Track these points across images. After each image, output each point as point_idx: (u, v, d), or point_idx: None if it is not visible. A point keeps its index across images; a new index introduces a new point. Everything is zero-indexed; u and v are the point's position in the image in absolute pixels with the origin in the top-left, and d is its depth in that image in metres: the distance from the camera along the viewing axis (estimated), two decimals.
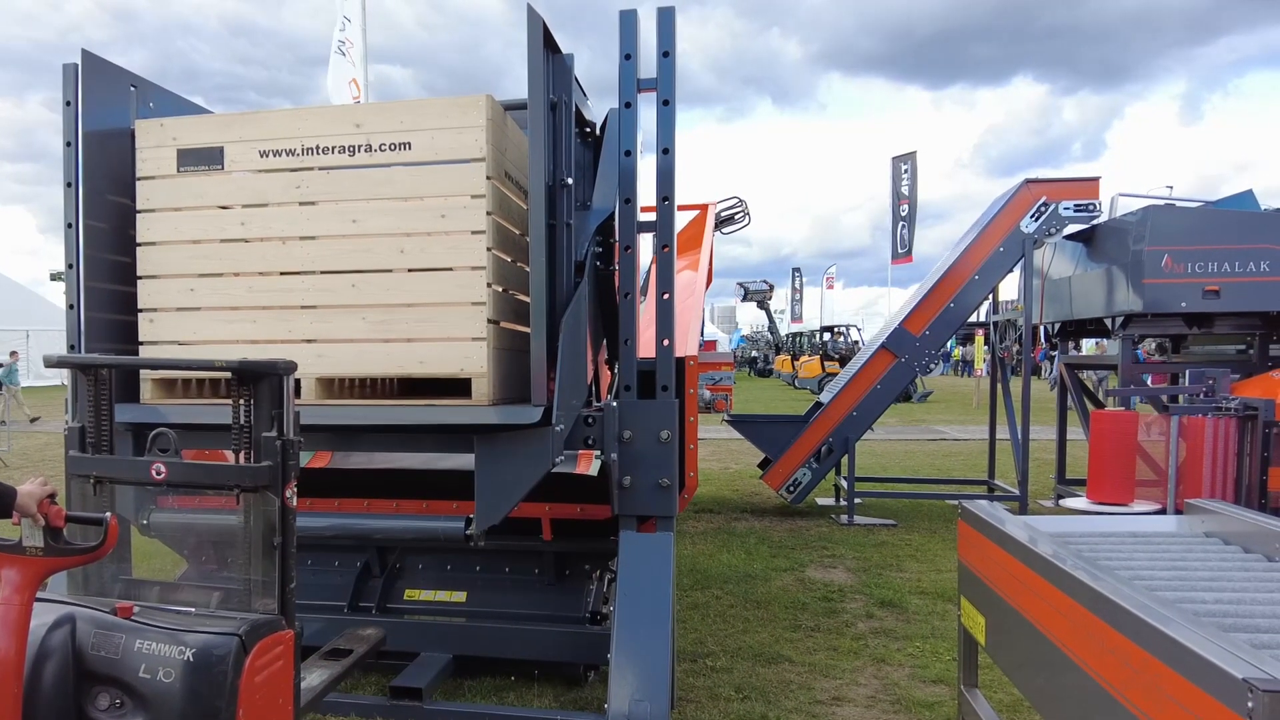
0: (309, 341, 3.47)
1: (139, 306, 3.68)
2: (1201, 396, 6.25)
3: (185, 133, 3.64)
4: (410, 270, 3.42)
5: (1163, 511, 6.12)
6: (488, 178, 3.35)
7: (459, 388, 3.39)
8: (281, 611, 2.41)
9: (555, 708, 4.18)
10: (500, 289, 3.50)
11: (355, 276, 3.47)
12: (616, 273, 3.82)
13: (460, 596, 4.58)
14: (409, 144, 3.42)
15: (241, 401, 2.42)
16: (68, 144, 3.89)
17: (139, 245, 3.66)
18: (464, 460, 3.68)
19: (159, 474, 2.46)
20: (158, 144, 3.64)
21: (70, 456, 2.64)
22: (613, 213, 3.96)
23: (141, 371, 3.63)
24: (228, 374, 2.41)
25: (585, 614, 4.39)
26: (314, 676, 3.18)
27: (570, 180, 3.69)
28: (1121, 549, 3.10)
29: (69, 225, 3.81)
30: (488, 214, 3.35)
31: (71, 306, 3.66)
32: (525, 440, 3.35)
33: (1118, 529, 3.39)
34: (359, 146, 3.47)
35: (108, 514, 2.27)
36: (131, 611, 2.34)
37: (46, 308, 35.58)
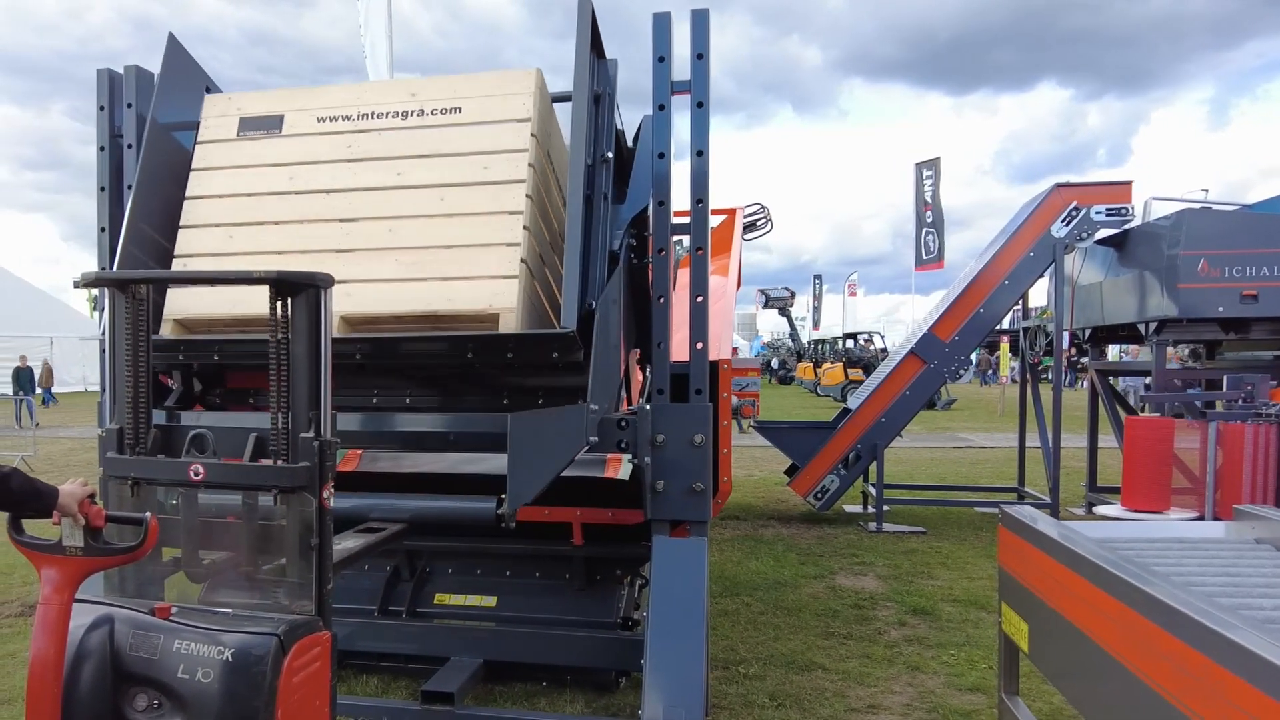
0: (338, 282, 3.43)
1: (175, 253, 3.60)
2: (1240, 403, 6.15)
3: (249, 104, 3.77)
4: (449, 215, 3.44)
5: (1200, 519, 6.02)
6: (532, 134, 3.44)
7: (485, 328, 3.33)
8: (319, 613, 2.40)
9: (587, 714, 4.15)
10: (534, 236, 3.46)
11: (393, 222, 3.47)
12: (650, 266, 3.79)
13: (490, 601, 4.55)
14: (459, 109, 3.55)
15: (279, 317, 2.39)
16: (101, 148, 3.93)
17: (187, 199, 3.66)
18: (493, 464, 3.66)
19: (197, 475, 2.46)
20: (221, 114, 3.77)
21: (108, 458, 2.63)
22: (645, 208, 3.94)
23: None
24: (265, 283, 2.35)
25: (617, 619, 4.34)
26: (350, 542, 3.15)
27: (610, 154, 3.73)
28: (1169, 554, 3.03)
29: (102, 230, 3.87)
30: (530, 165, 3.39)
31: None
32: (560, 416, 3.28)
33: (1163, 534, 3.31)
34: (412, 111, 3.59)
35: (148, 514, 2.26)
36: (169, 612, 2.33)
37: (70, 314, 35.89)
